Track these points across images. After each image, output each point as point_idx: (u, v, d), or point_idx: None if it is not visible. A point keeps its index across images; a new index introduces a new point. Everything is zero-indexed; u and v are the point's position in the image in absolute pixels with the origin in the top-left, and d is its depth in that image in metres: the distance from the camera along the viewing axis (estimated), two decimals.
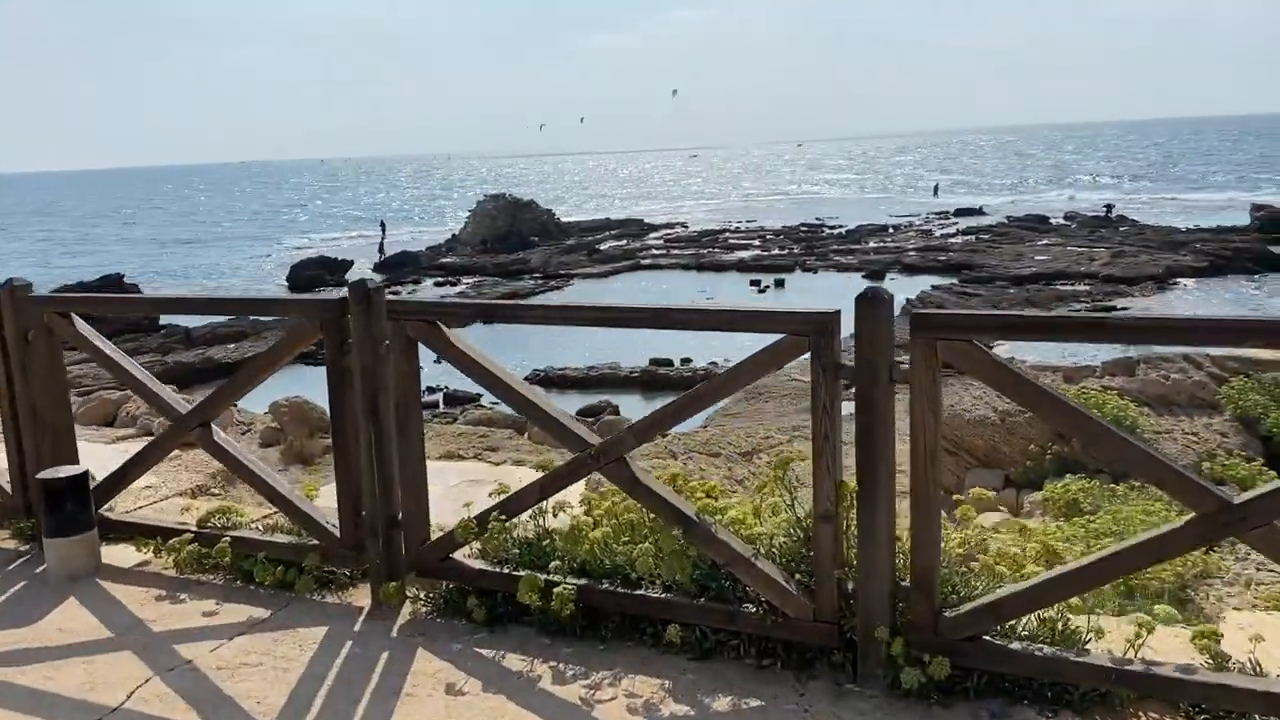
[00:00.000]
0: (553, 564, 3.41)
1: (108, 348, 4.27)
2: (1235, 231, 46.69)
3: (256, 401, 22.47)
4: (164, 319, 35.93)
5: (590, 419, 20.49)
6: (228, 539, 3.96)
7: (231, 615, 3.80)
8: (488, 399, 25.12)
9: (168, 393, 4.20)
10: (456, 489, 12.17)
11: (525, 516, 3.57)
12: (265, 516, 4.26)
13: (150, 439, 11.91)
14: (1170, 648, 2.90)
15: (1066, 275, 38.01)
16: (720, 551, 3.09)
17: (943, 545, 2.94)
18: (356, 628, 3.63)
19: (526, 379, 26.39)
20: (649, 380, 25.73)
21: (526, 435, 18.20)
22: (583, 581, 3.34)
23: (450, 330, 3.50)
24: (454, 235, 58.29)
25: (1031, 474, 10.51)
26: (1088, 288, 35.66)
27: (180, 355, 29.29)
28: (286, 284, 47.25)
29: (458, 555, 3.61)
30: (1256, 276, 37.49)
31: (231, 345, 30.52)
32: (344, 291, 3.60)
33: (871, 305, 2.82)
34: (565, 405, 22.59)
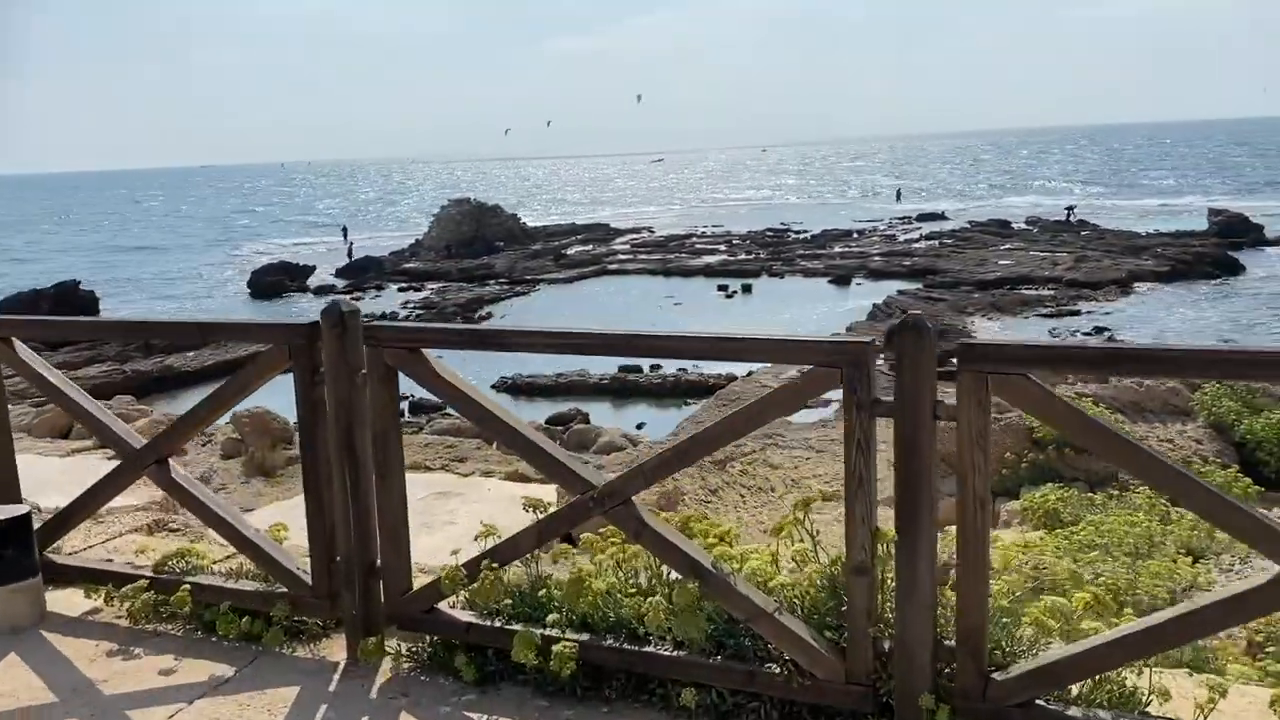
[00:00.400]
0: (551, 617, 3.07)
1: (53, 376, 3.87)
2: (1193, 236, 47.30)
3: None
4: None
5: (559, 427, 20.16)
6: (187, 586, 3.59)
7: (192, 673, 3.42)
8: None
9: (120, 425, 3.81)
10: (424, 502, 11.75)
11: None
12: (228, 557, 3.90)
13: (104, 450, 11.42)
14: (1243, 710, 2.63)
15: (1030, 280, 38.21)
16: (740, 605, 2.78)
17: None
18: (332, 687, 3.27)
19: (494, 386, 25.98)
20: (619, 387, 25.44)
21: (495, 445, 17.79)
22: (585, 637, 2.99)
23: (434, 357, 3.17)
24: (417, 240, 57.72)
25: (1007, 482, 10.38)
26: (1052, 292, 35.85)
27: (139, 364, 28.52)
28: (247, 290, 46.51)
29: (443, 605, 3.27)
30: (1216, 281, 37.91)
31: (190, 354, 29.77)
32: (316, 315, 3.26)
33: (914, 334, 2.53)
34: (534, 413, 22.27)
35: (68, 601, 3.97)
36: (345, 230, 74.09)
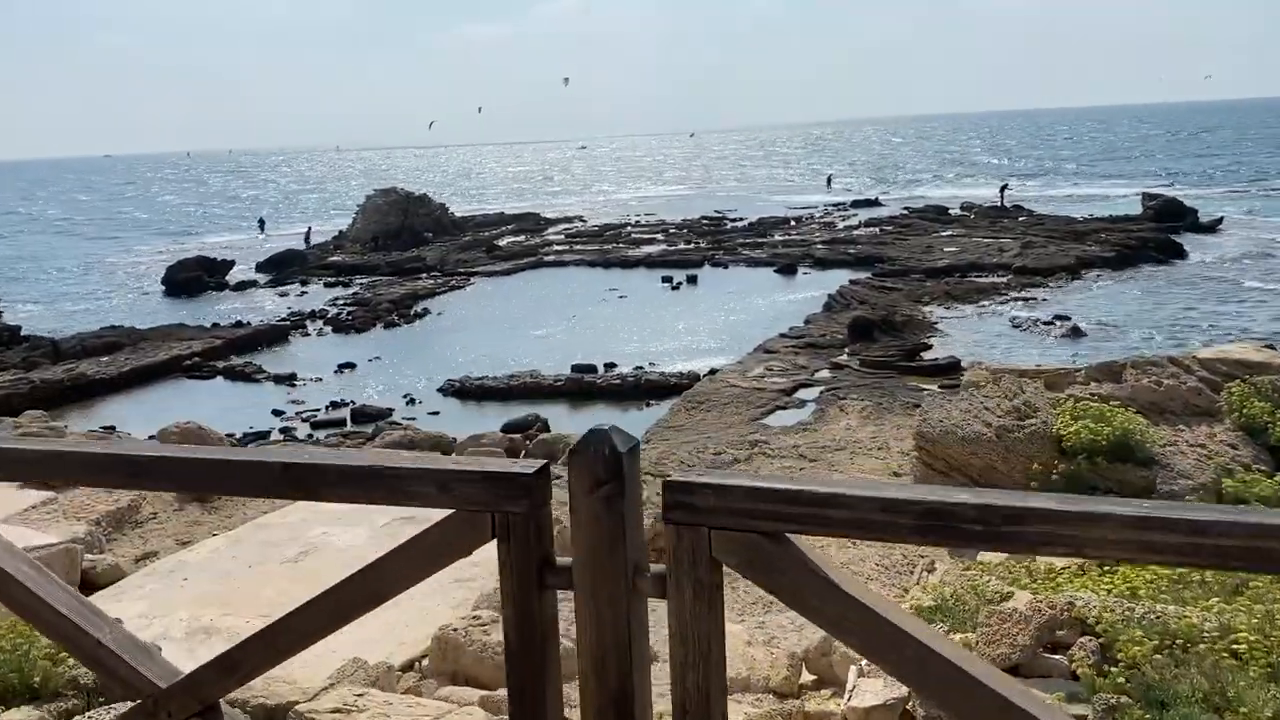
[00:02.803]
0: None
1: None
2: (1130, 221, 47.47)
3: (138, 423, 19.81)
4: (27, 329, 32.49)
5: (518, 435, 18.58)
6: None
7: None
8: (402, 413, 22.84)
9: (124, 637, 2.15)
10: (386, 529, 10.04)
11: None
12: None
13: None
14: None
15: (980, 267, 37.71)
16: None
17: None
18: None
19: (440, 390, 24.22)
20: (574, 389, 23.92)
21: (454, 457, 16.13)
22: None
23: (805, 544, 1.62)
24: (341, 232, 55.25)
25: None
26: (1004, 279, 35.31)
27: (45, 372, 26.03)
28: (161, 288, 43.64)
29: None
30: (1164, 265, 37.89)
31: (105, 358, 27.35)
32: (544, 459, 1.67)
33: None
34: (487, 421, 20.57)
35: None
36: (262, 222, 71.10)
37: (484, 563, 9.83)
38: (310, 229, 57.13)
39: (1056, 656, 5.30)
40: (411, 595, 8.48)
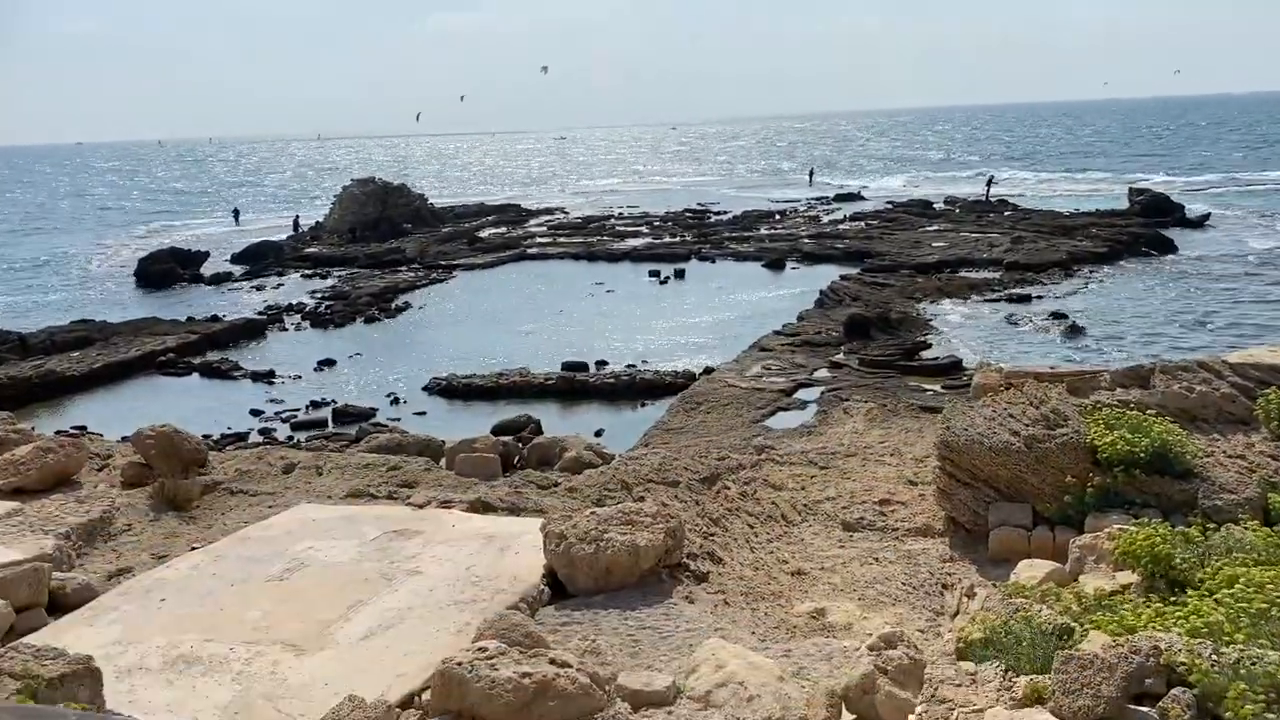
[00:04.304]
0: None
1: None
2: (1118, 215, 47.15)
3: (114, 425, 18.85)
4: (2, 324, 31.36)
5: (510, 437, 17.79)
6: None
7: None
8: (386, 413, 21.99)
9: None
10: (378, 545, 9.18)
11: None
12: None
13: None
14: None
15: (971, 262, 37.21)
16: None
17: None
18: None
19: (425, 389, 23.41)
20: (565, 388, 23.10)
21: (444, 463, 15.30)
22: None
23: None
24: (318, 223, 54.12)
25: (1070, 509, 8.70)
26: (996, 275, 34.79)
27: (12, 368, 24.97)
28: (133, 280, 42.46)
29: None
30: (1153, 261, 37.52)
31: (75, 354, 26.31)
32: None
33: None
34: (476, 421, 19.70)
35: None
36: (236, 213, 69.79)
37: (482, 581, 8.90)
38: (298, 217, 56.01)
39: (1145, 709, 4.69)
40: (405, 619, 7.51)
